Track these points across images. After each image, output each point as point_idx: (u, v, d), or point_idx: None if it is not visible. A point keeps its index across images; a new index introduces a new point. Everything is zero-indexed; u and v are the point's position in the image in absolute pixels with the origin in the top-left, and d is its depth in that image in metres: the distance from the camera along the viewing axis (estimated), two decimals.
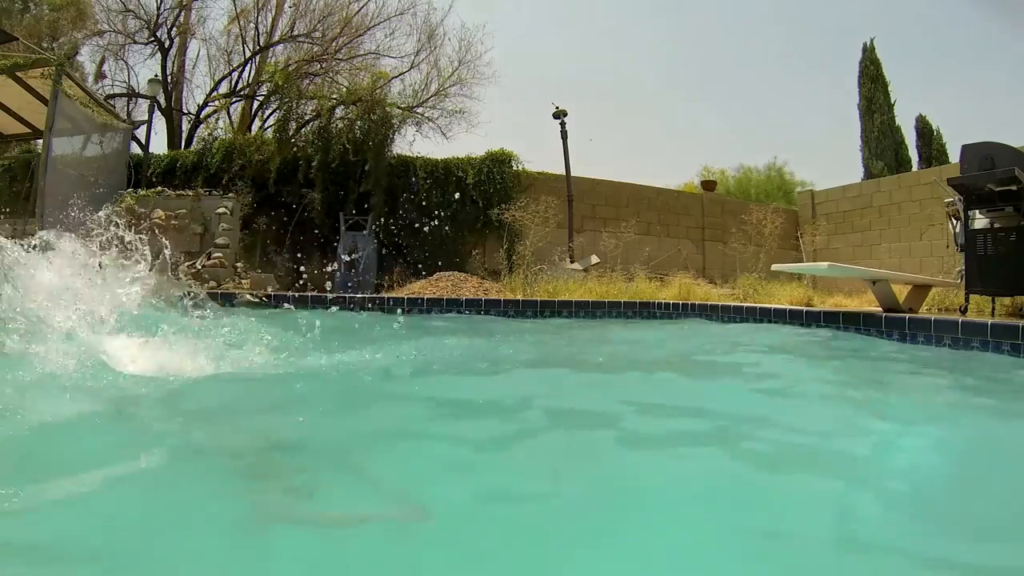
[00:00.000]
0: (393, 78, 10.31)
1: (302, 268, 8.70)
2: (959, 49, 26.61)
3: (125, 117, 10.40)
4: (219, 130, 11.12)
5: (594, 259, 8.71)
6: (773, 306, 4.85)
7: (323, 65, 10.32)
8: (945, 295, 5.10)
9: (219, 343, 2.38)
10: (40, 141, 7.46)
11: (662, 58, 33.90)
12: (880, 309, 4.21)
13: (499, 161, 9.52)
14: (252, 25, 11.48)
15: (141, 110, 11.74)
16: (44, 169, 6.84)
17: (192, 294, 2.72)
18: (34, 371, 1.70)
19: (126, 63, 12.03)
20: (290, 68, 9.89)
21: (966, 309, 4.18)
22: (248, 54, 11.59)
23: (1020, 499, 1.21)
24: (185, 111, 11.91)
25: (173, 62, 11.76)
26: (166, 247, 2.98)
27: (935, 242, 8.87)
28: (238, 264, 7.28)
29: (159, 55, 11.50)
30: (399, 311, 5.43)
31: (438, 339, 3.68)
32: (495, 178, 9.36)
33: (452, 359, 3.04)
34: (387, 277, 7.45)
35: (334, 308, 5.42)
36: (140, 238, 2.51)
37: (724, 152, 42.71)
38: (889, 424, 1.75)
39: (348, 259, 7.84)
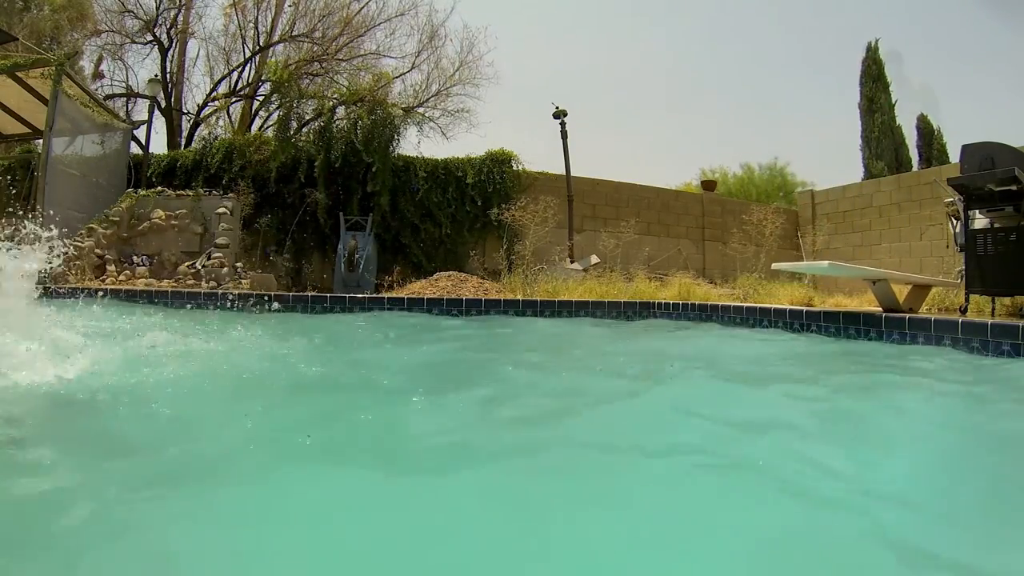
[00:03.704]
0: (395, 78, 10.31)
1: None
2: (960, 49, 26.62)
3: (125, 117, 10.40)
4: (219, 130, 11.13)
5: (594, 259, 8.71)
6: (773, 306, 4.84)
7: (323, 65, 10.31)
8: (945, 295, 5.10)
9: None
10: (40, 141, 7.47)
11: (663, 58, 33.93)
12: (880, 309, 4.20)
13: (499, 161, 9.52)
14: (252, 25, 11.49)
15: (140, 110, 11.75)
16: (44, 169, 6.84)
17: None
18: None
19: (125, 63, 12.05)
20: (290, 67, 9.88)
21: (966, 309, 4.18)
22: (248, 54, 11.60)
23: None
24: (185, 111, 11.91)
25: (172, 62, 11.76)
26: None
27: (935, 242, 8.87)
28: (238, 264, 7.28)
29: (158, 55, 11.50)
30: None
31: None
32: (495, 178, 9.36)
33: None
34: (387, 277, 7.45)
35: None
36: None
37: (725, 153, 42.71)
38: None
39: (348, 259, 7.83)
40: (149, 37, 11.53)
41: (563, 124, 9.69)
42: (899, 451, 1.56)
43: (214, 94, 11.70)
